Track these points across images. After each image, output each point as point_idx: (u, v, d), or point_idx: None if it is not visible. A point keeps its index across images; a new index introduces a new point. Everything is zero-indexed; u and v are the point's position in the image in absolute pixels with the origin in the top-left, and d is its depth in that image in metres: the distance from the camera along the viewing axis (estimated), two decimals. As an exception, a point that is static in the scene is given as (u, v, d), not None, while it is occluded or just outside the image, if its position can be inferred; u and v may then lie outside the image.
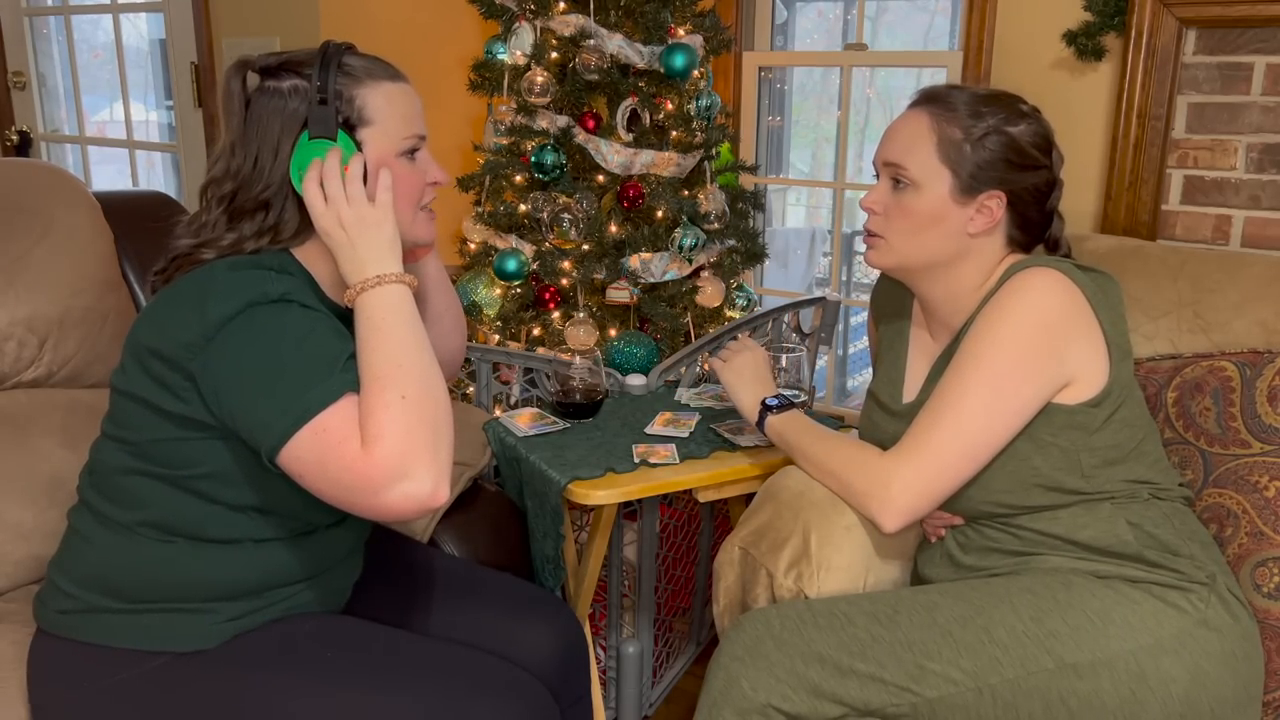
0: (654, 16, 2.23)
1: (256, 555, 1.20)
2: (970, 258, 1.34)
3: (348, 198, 1.13)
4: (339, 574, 1.31)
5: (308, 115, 1.15)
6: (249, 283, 1.11)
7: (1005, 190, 1.31)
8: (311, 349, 1.09)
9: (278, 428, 1.05)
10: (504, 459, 1.71)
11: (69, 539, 1.26)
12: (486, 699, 1.15)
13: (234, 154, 1.19)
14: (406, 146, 1.21)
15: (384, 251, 1.14)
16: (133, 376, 1.16)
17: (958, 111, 1.30)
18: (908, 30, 5.78)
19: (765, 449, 1.66)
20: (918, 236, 1.33)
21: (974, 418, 1.25)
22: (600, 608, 2.01)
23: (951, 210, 1.31)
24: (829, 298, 2.27)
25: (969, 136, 1.29)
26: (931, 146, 1.30)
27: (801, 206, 6.17)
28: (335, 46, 1.19)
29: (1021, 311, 1.25)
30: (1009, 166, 1.30)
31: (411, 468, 1.03)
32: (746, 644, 1.24)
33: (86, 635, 1.20)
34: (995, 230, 1.33)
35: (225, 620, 1.19)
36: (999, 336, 1.25)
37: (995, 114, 1.30)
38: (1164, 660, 1.20)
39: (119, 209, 1.74)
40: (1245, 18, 1.85)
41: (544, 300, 2.27)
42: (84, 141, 3.38)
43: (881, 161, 1.35)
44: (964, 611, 1.24)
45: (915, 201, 1.31)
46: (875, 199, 1.35)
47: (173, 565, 1.18)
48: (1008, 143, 1.30)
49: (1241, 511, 1.37)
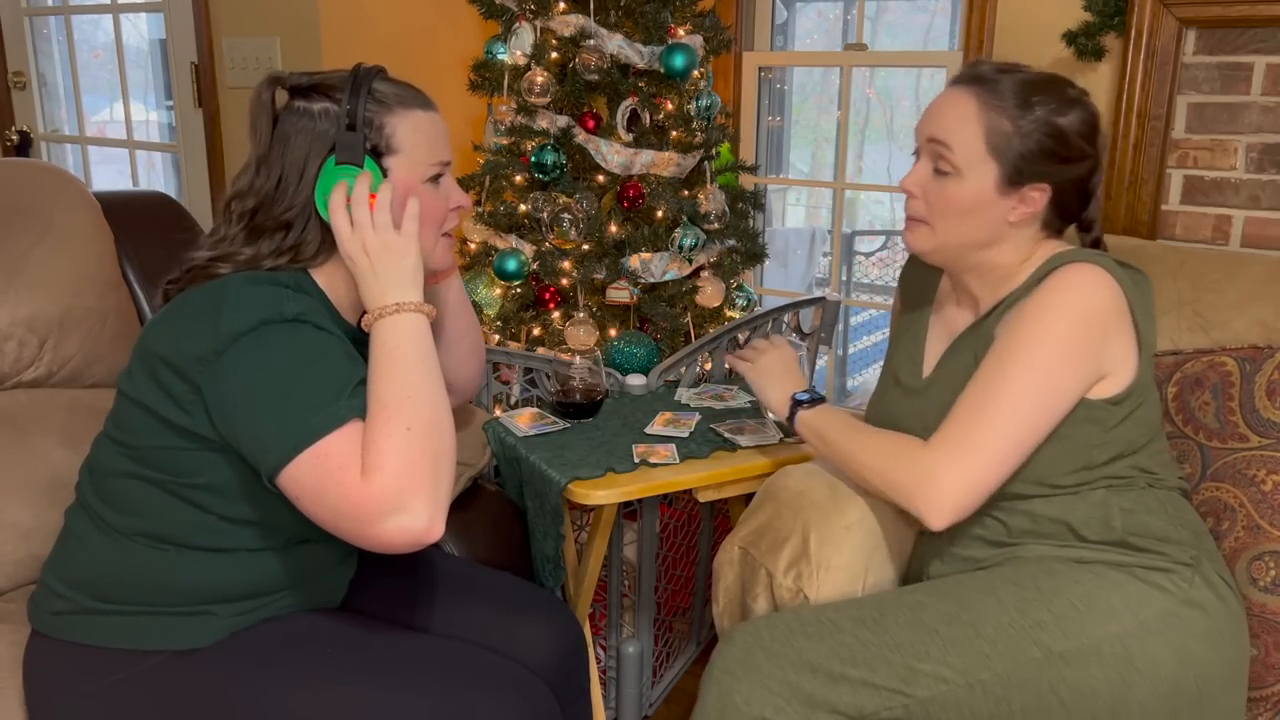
0: (654, 16, 2.23)
1: (249, 563, 1.20)
2: (1008, 241, 1.32)
3: (374, 225, 1.14)
4: (334, 576, 1.31)
5: (335, 140, 1.16)
6: (265, 299, 1.11)
7: (1050, 183, 1.28)
8: (321, 372, 1.08)
9: (279, 449, 1.04)
10: (504, 459, 1.71)
11: (63, 539, 1.26)
12: (488, 695, 1.15)
13: (259, 172, 1.19)
14: (432, 173, 1.22)
15: (406, 280, 1.14)
16: (139, 382, 1.15)
17: (1005, 99, 1.26)
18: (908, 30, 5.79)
19: (765, 449, 1.66)
20: (959, 222, 1.30)
21: (1020, 410, 1.23)
22: (600, 608, 2.01)
23: (994, 201, 1.28)
24: (829, 298, 2.27)
25: (1018, 129, 1.26)
26: (979, 133, 1.27)
27: (801, 206, 6.18)
28: (367, 71, 1.20)
29: (1067, 306, 1.24)
30: (1055, 159, 1.27)
31: (409, 501, 1.02)
32: (738, 657, 1.24)
33: (81, 636, 1.20)
34: (1034, 217, 1.31)
35: (219, 620, 1.19)
36: (1044, 330, 1.23)
37: (1044, 103, 1.26)
38: (1149, 641, 1.20)
39: (119, 209, 1.74)
40: (1245, 18, 1.85)
41: (544, 300, 2.27)
42: (84, 141, 3.38)
43: (926, 137, 1.31)
44: (950, 609, 1.24)
45: (958, 189, 1.29)
46: (915, 181, 1.32)
47: (165, 572, 1.18)
48: (1056, 134, 1.26)
49: (1239, 505, 1.38)
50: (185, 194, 2.95)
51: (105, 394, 1.29)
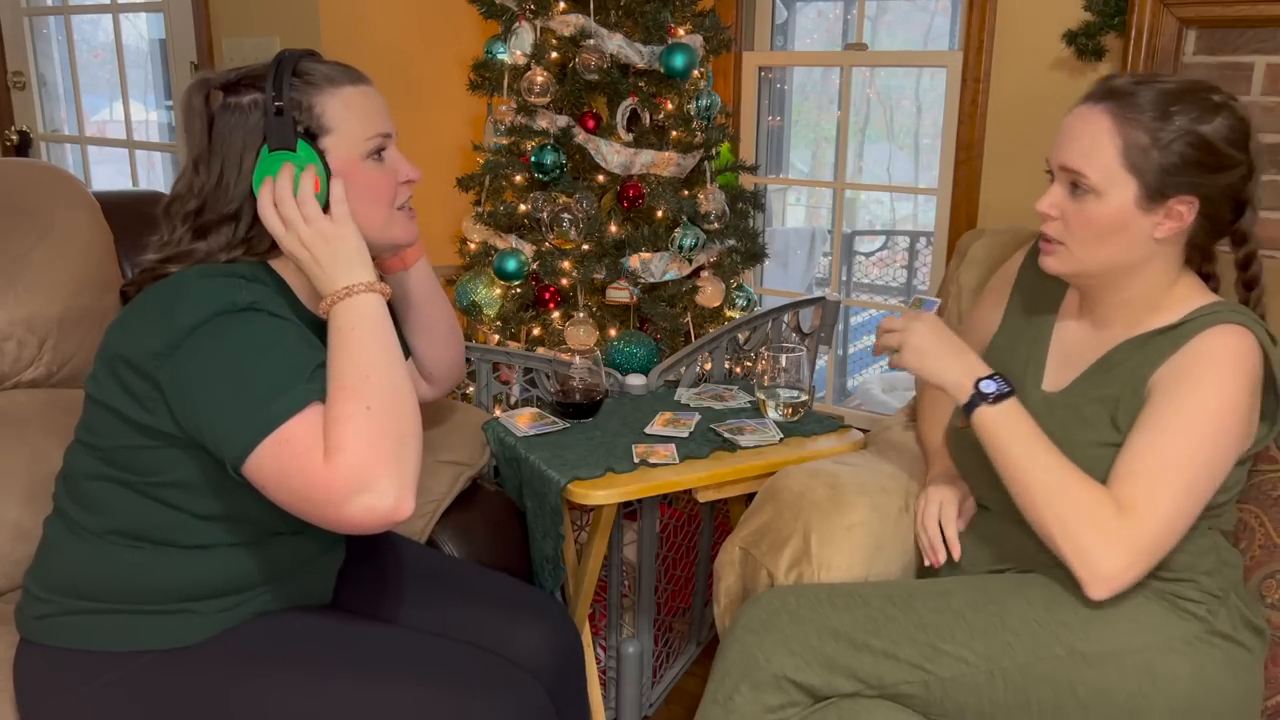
0: (654, 16, 2.23)
1: (225, 559, 1.20)
2: (1155, 262, 1.26)
3: (305, 217, 1.13)
4: (317, 569, 1.30)
5: (265, 128, 1.15)
6: (217, 290, 1.10)
7: (1198, 195, 1.21)
8: (277, 358, 1.08)
9: (241, 439, 1.04)
10: (504, 459, 1.71)
11: (41, 547, 1.26)
12: (483, 695, 1.14)
13: (197, 171, 1.18)
14: (371, 148, 1.20)
15: (351, 263, 1.13)
16: (103, 383, 1.15)
17: (1144, 112, 1.19)
18: (908, 30, 5.79)
19: (765, 449, 1.66)
20: (1101, 244, 1.24)
21: (1198, 488, 1.18)
22: (600, 608, 2.01)
23: (1137, 218, 1.21)
24: (829, 298, 2.27)
25: (1156, 141, 1.18)
26: (1115, 151, 1.20)
27: (801, 206, 6.18)
28: (290, 54, 1.18)
29: (1229, 374, 1.19)
30: (1201, 169, 1.20)
31: (374, 480, 1.01)
32: (762, 618, 1.26)
33: (66, 640, 1.19)
34: (1183, 232, 1.24)
35: (204, 618, 1.19)
36: (1213, 400, 1.18)
37: (1186, 112, 1.19)
38: (1172, 659, 1.20)
39: (119, 209, 1.74)
40: (1245, 18, 1.85)
41: (544, 300, 2.27)
42: (84, 141, 3.38)
43: (1058, 165, 1.24)
44: (978, 598, 1.25)
45: (1098, 209, 1.21)
46: (1052, 203, 1.25)
47: (141, 571, 1.18)
48: (1200, 143, 1.19)
49: (1258, 525, 1.38)
50: (185, 194, 2.95)
51: (105, 394, 1.29)
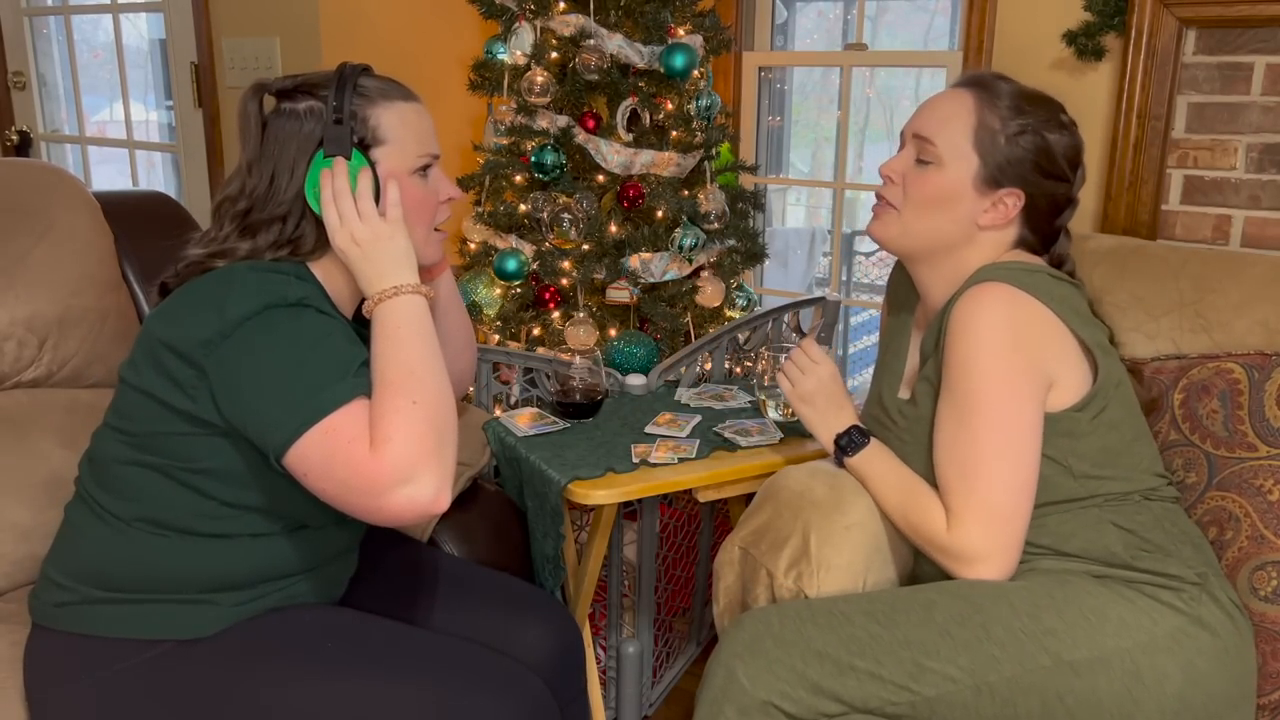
0: (654, 16, 2.23)
1: (250, 549, 1.21)
2: (973, 248, 1.34)
3: (360, 214, 1.16)
4: (335, 568, 1.32)
5: (323, 135, 1.18)
6: (269, 285, 1.13)
7: (1026, 191, 1.31)
8: (325, 353, 1.11)
9: (288, 425, 1.06)
10: (504, 459, 1.71)
11: (63, 532, 1.27)
12: (487, 692, 1.15)
13: (250, 174, 1.21)
14: (419, 164, 1.24)
15: (399, 263, 1.17)
16: (143, 370, 1.16)
17: (1001, 101, 1.30)
18: (908, 30, 5.78)
19: (765, 449, 1.66)
20: (929, 213, 1.33)
21: (1002, 459, 1.24)
22: (600, 608, 2.01)
23: (969, 197, 1.31)
24: (829, 298, 2.26)
25: (1006, 129, 1.29)
26: (967, 128, 1.30)
27: (801, 206, 6.17)
28: (352, 68, 1.22)
29: (988, 336, 1.24)
30: (1036, 169, 1.31)
31: (417, 472, 1.04)
32: (746, 642, 1.25)
33: (83, 627, 1.20)
34: (1005, 228, 1.33)
35: (221, 610, 1.20)
36: (981, 369, 1.24)
37: (1037, 115, 1.31)
38: (1159, 658, 1.20)
39: (119, 209, 1.74)
40: (1245, 18, 1.84)
41: (544, 300, 2.27)
42: (84, 141, 3.38)
43: (911, 133, 1.34)
44: (962, 610, 1.24)
45: (936, 177, 1.31)
46: (895, 167, 1.35)
47: (165, 558, 1.19)
48: (1042, 146, 1.30)
49: (1243, 515, 1.37)
50: (185, 194, 2.95)
51: (105, 394, 1.29)
